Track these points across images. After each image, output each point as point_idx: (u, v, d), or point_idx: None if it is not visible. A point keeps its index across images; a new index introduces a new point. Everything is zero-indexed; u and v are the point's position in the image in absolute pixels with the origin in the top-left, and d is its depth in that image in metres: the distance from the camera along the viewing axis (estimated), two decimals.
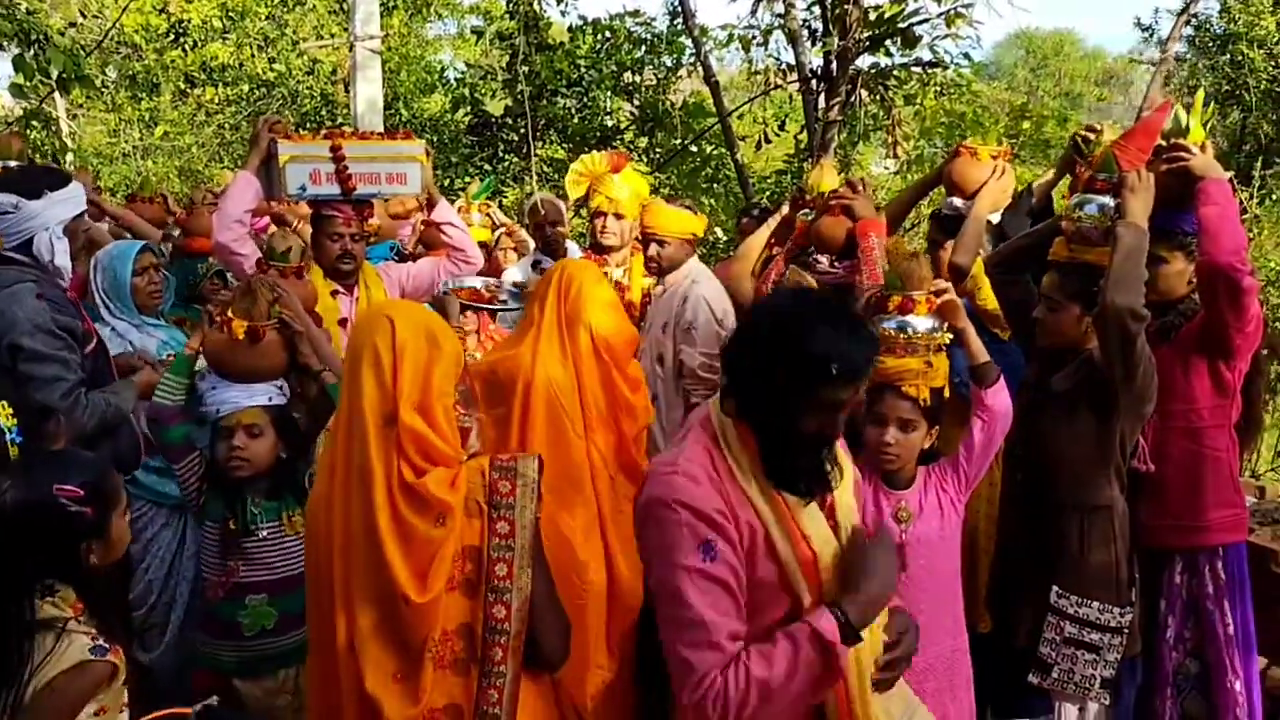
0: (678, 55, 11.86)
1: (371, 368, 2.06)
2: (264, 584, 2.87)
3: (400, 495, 2.02)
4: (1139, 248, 2.74)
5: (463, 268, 4.11)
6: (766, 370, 1.87)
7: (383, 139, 3.93)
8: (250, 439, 2.86)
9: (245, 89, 15.09)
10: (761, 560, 1.88)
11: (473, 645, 2.05)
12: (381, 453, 2.03)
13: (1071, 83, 31.45)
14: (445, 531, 2.03)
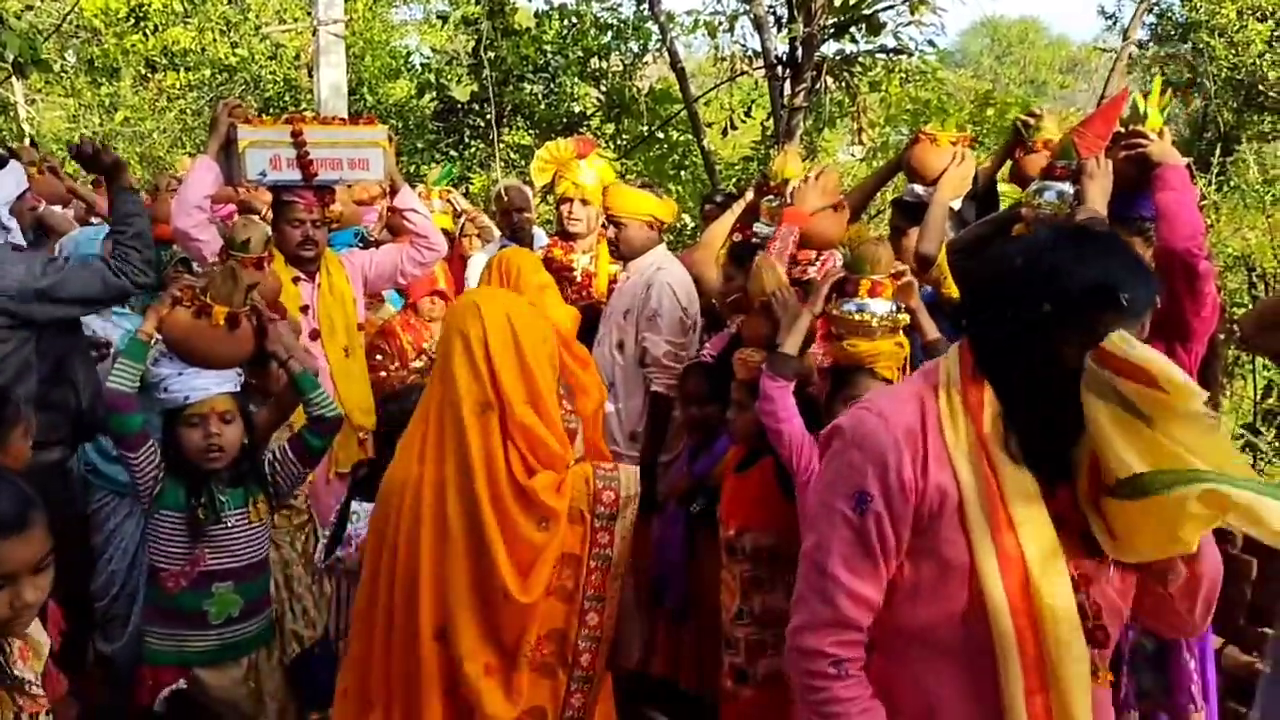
0: (644, 41, 11.83)
1: (463, 354, 2.07)
2: (231, 571, 2.87)
3: (508, 492, 2.03)
4: None
5: (426, 255, 4.10)
6: (1030, 303, 1.58)
7: (345, 124, 3.90)
8: (224, 425, 2.84)
9: (207, 74, 14.88)
10: (948, 536, 1.64)
11: (563, 650, 2.09)
12: (481, 442, 2.04)
13: (1036, 70, 31.72)
14: (548, 536, 2.05)
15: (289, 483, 3.00)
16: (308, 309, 3.78)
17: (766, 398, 2.81)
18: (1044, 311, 1.57)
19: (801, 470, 2.83)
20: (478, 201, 9.33)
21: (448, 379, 2.09)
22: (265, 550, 2.98)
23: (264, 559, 2.97)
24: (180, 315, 2.81)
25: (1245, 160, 8.41)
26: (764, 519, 3.03)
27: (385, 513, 2.15)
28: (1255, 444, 6.14)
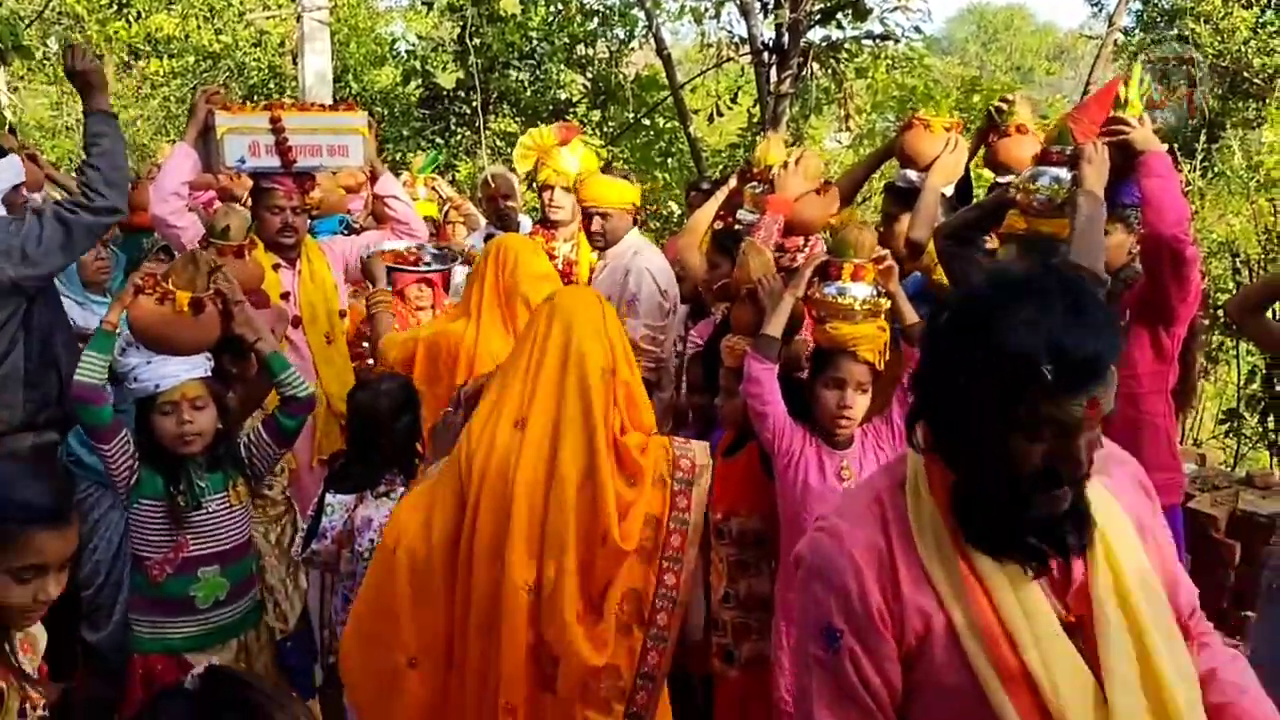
0: (630, 28, 11.78)
1: (591, 327, 2.25)
2: (215, 555, 2.87)
3: (609, 448, 2.17)
4: (1099, 216, 2.79)
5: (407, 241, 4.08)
6: (951, 376, 1.35)
7: (324, 110, 3.88)
8: (197, 411, 2.82)
9: (190, 61, 14.75)
10: (945, 662, 1.38)
11: (640, 609, 2.16)
12: (603, 404, 2.18)
13: (1022, 57, 31.71)
14: (636, 493, 2.18)
15: (265, 463, 2.99)
16: (288, 296, 3.77)
17: (751, 379, 2.82)
18: (971, 385, 1.32)
19: (782, 453, 2.85)
20: (464, 189, 9.28)
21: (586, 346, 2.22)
22: (248, 531, 2.99)
23: (247, 540, 2.98)
24: (144, 304, 2.78)
25: (1230, 147, 8.43)
26: (750, 503, 3.05)
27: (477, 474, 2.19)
28: (1238, 429, 6.16)
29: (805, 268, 2.88)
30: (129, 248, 4.50)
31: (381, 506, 2.86)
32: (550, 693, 2.14)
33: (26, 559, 1.73)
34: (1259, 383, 5.92)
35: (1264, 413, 5.78)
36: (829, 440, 2.85)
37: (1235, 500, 3.87)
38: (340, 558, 2.90)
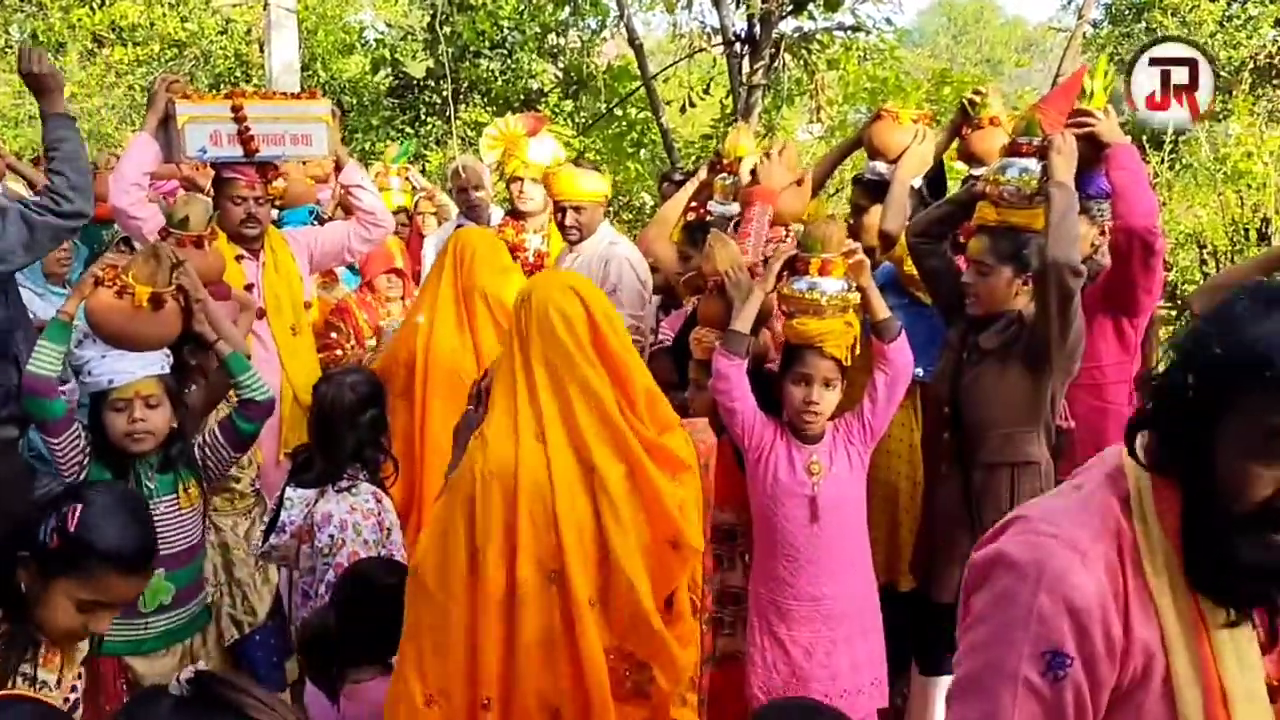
0: (602, 17, 11.73)
1: (569, 336, 2.15)
2: (162, 559, 2.76)
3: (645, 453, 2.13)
4: (1072, 206, 2.79)
5: (373, 232, 4.04)
6: (1195, 383, 1.22)
7: (287, 99, 3.83)
8: (150, 410, 2.74)
9: (156, 49, 14.53)
10: (1155, 713, 1.26)
11: (693, 599, 2.19)
12: (620, 411, 2.14)
13: (992, 50, 31.93)
14: (683, 489, 2.16)
15: (220, 466, 2.93)
16: (252, 288, 3.71)
17: (720, 375, 2.81)
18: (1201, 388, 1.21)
19: (752, 448, 2.84)
20: (434, 179, 9.21)
21: (563, 358, 2.13)
22: (198, 536, 2.90)
23: (197, 544, 2.90)
24: (103, 296, 2.70)
25: (1197, 139, 8.50)
26: (722, 497, 3.04)
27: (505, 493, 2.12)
28: None
29: (774, 262, 2.87)
30: (89, 239, 4.43)
31: (343, 502, 2.82)
32: (637, 699, 2.12)
33: (95, 594, 1.82)
34: None
35: None
36: (799, 435, 2.84)
37: None
38: (300, 553, 2.85)
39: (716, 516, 3.05)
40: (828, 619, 2.83)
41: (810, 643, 2.83)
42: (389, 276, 4.57)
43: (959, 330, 3.10)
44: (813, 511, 2.79)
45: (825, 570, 2.82)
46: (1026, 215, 2.93)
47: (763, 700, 2.85)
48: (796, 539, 2.80)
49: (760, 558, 2.90)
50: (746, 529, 3.00)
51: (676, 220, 4.08)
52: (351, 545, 2.75)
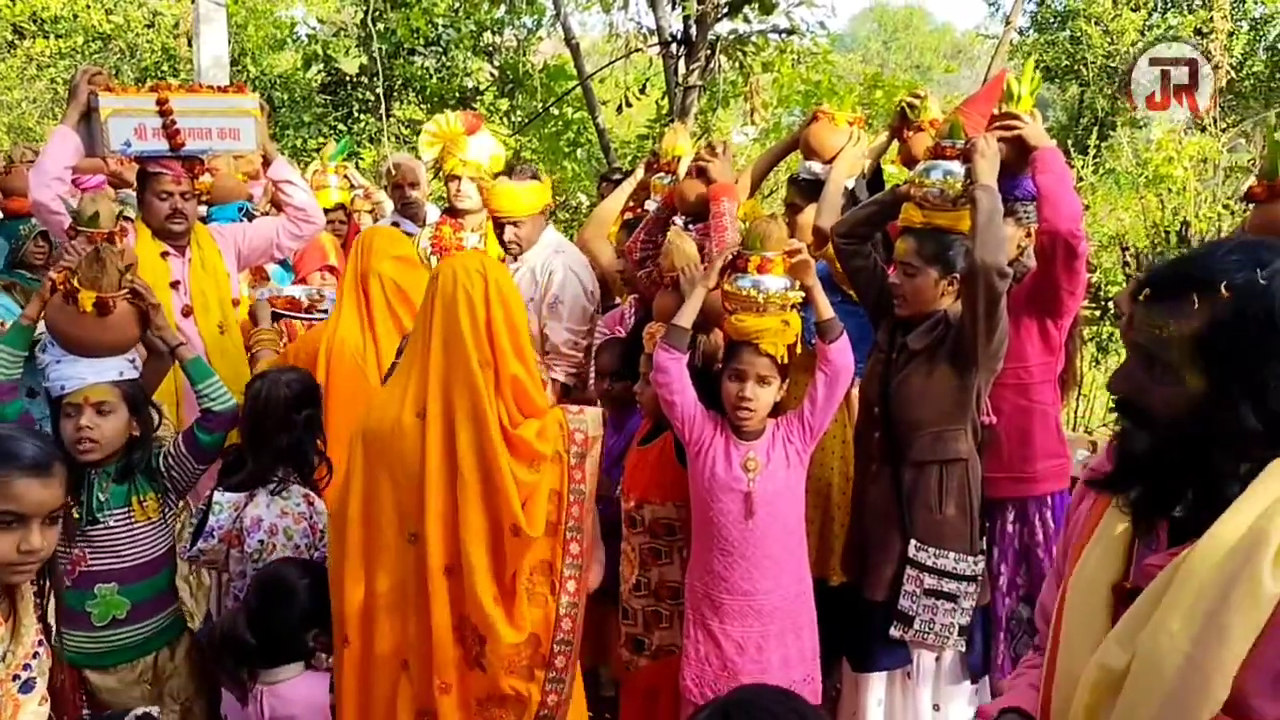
0: (538, 16, 11.69)
1: (468, 314, 2.24)
2: (114, 572, 2.71)
3: (502, 440, 2.23)
4: (997, 209, 2.83)
5: (303, 228, 3.98)
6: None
7: (214, 92, 3.75)
8: (100, 417, 2.66)
9: (79, 41, 14.15)
10: None
11: (550, 580, 2.27)
12: (490, 397, 2.23)
13: (921, 55, 32.47)
14: (539, 476, 2.26)
15: (184, 479, 2.83)
16: (179, 284, 3.63)
17: (660, 369, 2.82)
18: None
19: (692, 442, 2.85)
20: (368, 177, 9.10)
21: (455, 337, 2.24)
22: (160, 549, 2.81)
23: (157, 559, 2.80)
24: (55, 301, 2.67)
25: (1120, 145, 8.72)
26: (663, 491, 3.07)
27: (378, 458, 2.27)
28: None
29: (716, 260, 2.88)
30: (7, 233, 4.30)
31: (273, 505, 2.76)
32: (479, 669, 2.25)
33: (5, 504, 1.78)
34: None
35: None
36: (738, 431, 2.86)
37: None
38: (230, 557, 2.78)
39: (656, 510, 3.07)
40: (760, 614, 2.86)
41: (742, 637, 2.85)
42: (323, 273, 4.51)
43: (886, 331, 3.14)
44: (748, 507, 2.81)
45: (758, 566, 2.84)
46: (951, 217, 2.98)
47: (695, 692, 2.86)
48: (731, 534, 2.82)
49: (697, 552, 2.92)
50: (685, 523, 3.01)
51: (614, 219, 4.08)
52: (281, 550, 2.70)
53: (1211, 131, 7.21)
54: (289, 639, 2.48)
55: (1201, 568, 1.24)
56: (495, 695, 2.27)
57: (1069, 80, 14.27)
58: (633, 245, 3.66)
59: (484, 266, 2.36)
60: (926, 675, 3.07)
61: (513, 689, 2.27)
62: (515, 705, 2.28)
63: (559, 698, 2.31)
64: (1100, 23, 12.85)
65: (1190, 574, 1.25)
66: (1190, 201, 6.35)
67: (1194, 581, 1.24)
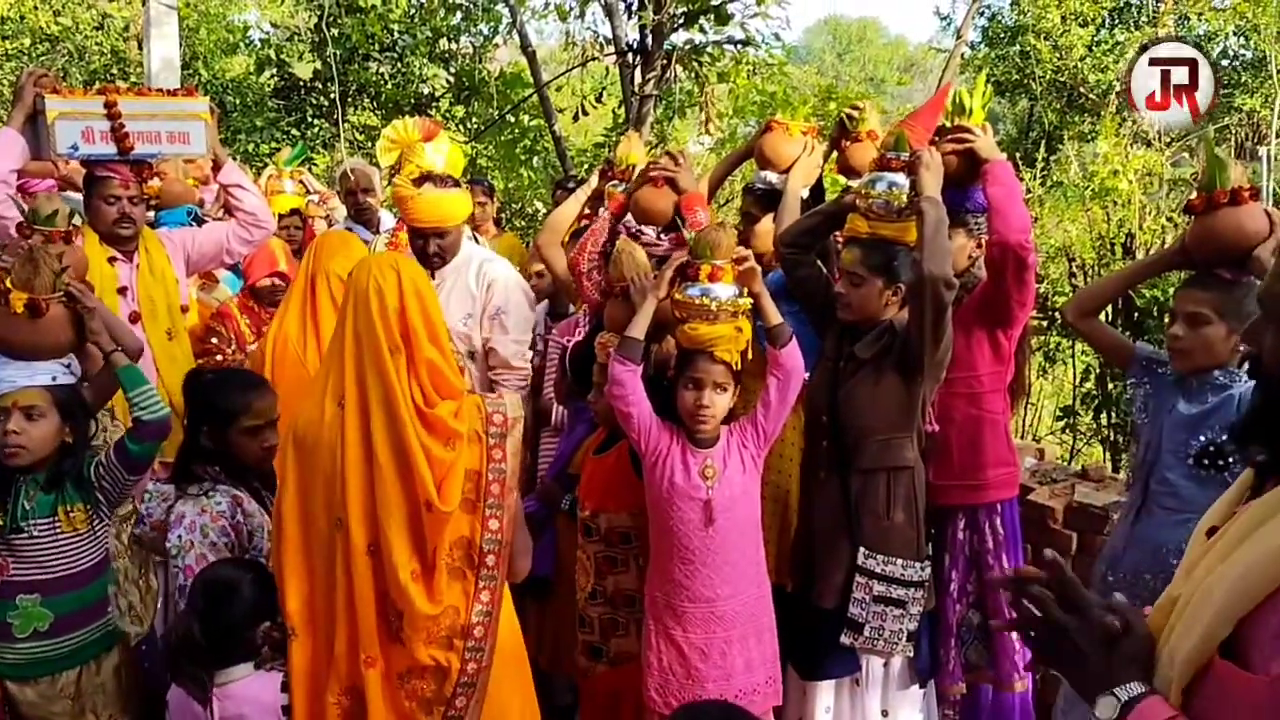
0: (494, 24, 11.66)
1: (377, 303, 2.34)
2: (35, 583, 2.65)
3: (418, 420, 2.33)
4: (943, 220, 2.87)
5: (254, 232, 3.94)
6: None
7: (163, 96, 3.70)
8: (28, 422, 2.60)
9: (27, 43, 13.91)
10: None
11: (469, 555, 2.37)
12: (400, 381, 2.32)
13: (875, 68, 32.83)
14: (454, 455, 2.35)
15: (115, 490, 2.76)
16: (126, 290, 3.57)
17: (615, 380, 2.82)
18: None
19: (649, 452, 2.86)
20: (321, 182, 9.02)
21: (367, 326, 2.35)
22: (88, 562, 2.74)
23: (84, 571, 2.73)
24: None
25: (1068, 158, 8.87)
26: (618, 500, 3.07)
27: (307, 452, 2.37)
28: (1074, 425, 6.49)
29: (667, 269, 2.89)
30: None
31: (196, 504, 2.68)
32: (399, 642, 2.36)
33: None
34: (1093, 381, 6.24)
35: (1098, 410, 6.10)
36: (693, 439, 2.88)
37: (1071, 493, 4.05)
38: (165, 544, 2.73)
39: (612, 519, 3.08)
40: (722, 620, 2.87)
41: (705, 644, 2.86)
42: (272, 280, 4.45)
43: (833, 340, 3.17)
44: (707, 515, 2.82)
45: (719, 572, 2.86)
46: (896, 228, 3.02)
47: (659, 701, 2.87)
48: (691, 542, 2.84)
49: (656, 560, 2.92)
50: (641, 532, 3.02)
51: (568, 227, 4.07)
52: (199, 548, 2.62)
53: (1157, 146, 7.37)
54: (239, 635, 2.45)
55: (1248, 518, 1.30)
56: (416, 667, 2.37)
57: (1019, 95, 14.50)
58: (579, 256, 3.64)
59: (396, 263, 2.46)
60: (875, 681, 3.11)
61: (432, 659, 2.36)
62: (436, 675, 2.37)
63: (478, 665, 2.40)
64: (1049, 38, 13.08)
65: (1241, 521, 1.31)
66: (1135, 214, 6.47)
67: (1238, 529, 1.31)
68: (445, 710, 2.38)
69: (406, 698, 2.37)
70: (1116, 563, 2.94)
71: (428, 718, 2.38)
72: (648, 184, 3.63)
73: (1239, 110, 11.25)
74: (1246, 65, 12.44)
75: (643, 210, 3.63)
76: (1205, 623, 1.27)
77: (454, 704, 2.38)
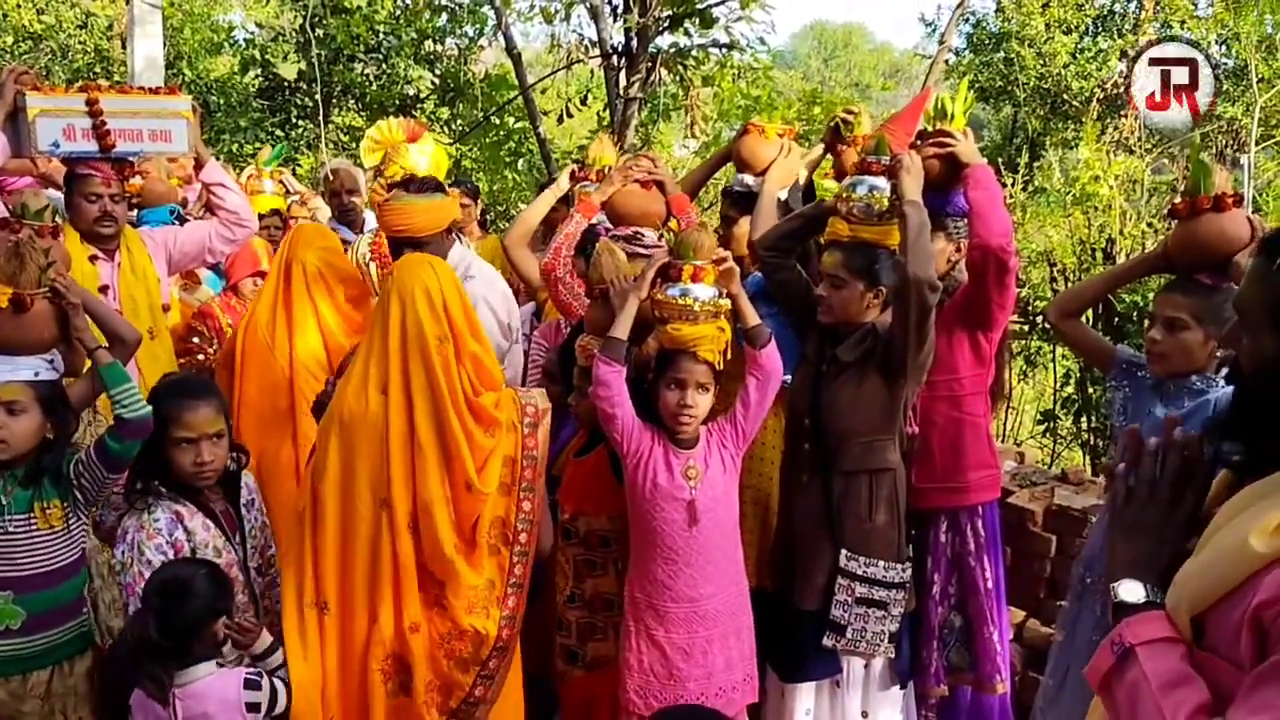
0: (480, 26, 11.65)
1: (425, 299, 2.56)
2: (8, 580, 2.60)
3: (464, 407, 2.55)
4: (925, 223, 2.89)
5: (236, 231, 3.93)
6: None
7: (145, 94, 3.69)
8: (9, 417, 2.57)
9: (9, 41, 13.83)
10: None
11: (504, 534, 2.61)
12: (443, 368, 2.54)
13: (860, 74, 32.95)
14: (494, 441, 2.59)
15: (94, 488, 2.72)
16: (107, 289, 3.56)
17: (600, 382, 2.82)
18: None
19: (631, 454, 2.86)
20: (305, 183, 8.99)
21: (415, 320, 2.55)
22: (63, 560, 2.70)
23: (59, 570, 2.69)
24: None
25: (1050, 164, 8.93)
26: (598, 503, 3.07)
27: (350, 438, 2.58)
28: (1054, 429, 6.53)
29: (648, 270, 2.89)
30: None
31: (137, 519, 2.65)
32: (439, 608, 2.59)
33: None
34: (1073, 386, 6.29)
35: (1078, 414, 6.15)
36: (675, 440, 2.88)
37: (1051, 496, 4.07)
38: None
39: (591, 522, 3.07)
40: (704, 619, 2.88)
41: (687, 644, 2.87)
42: (255, 279, 4.44)
43: (815, 343, 3.18)
44: (691, 515, 2.83)
45: (702, 572, 2.87)
46: (877, 231, 3.03)
47: (639, 704, 2.87)
48: (675, 542, 2.84)
49: (638, 562, 2.92)
50: (620, 536, 3.02)
51: (536, 225, 4.07)
52: (137, 566, 2.59)
53: (1138, 152, 7.43)
54: (196, 634, 2.43)
55: (1220, 516, 1.34)
56: (456, 630, 2.59)
57: (1003, 101, 14.58)
58: (553, 261, 3.60)
59: (434, 264, 2.67)
60: (856, 683, 3.11)
61: (471, 626, 2.58)
62: (474, 639, 2.59)
63: (511, 632, 2.63)
64: (1033, 45, 13.15)
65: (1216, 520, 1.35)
66: (1116, 220, 6.52)
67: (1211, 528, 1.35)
68: (480, 670, 2.60)
69: (445, 657, 2.60)
70: (1094, 565, 2.95)
71: (464, 676, 2.60)
72: (635, 188, 3.64)
73: (1220, 118, 11.33)
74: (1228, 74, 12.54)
75: (637, 214, 3.63)
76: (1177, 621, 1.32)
77: (487, 665, 2.61)
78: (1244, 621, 1.21)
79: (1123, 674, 1.34)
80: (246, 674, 2.51)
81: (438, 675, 2.60)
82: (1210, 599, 1.28)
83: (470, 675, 2.59)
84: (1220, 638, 1.27)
